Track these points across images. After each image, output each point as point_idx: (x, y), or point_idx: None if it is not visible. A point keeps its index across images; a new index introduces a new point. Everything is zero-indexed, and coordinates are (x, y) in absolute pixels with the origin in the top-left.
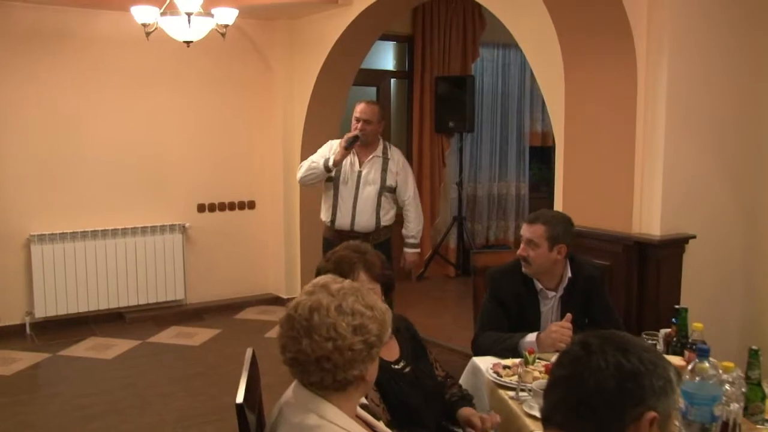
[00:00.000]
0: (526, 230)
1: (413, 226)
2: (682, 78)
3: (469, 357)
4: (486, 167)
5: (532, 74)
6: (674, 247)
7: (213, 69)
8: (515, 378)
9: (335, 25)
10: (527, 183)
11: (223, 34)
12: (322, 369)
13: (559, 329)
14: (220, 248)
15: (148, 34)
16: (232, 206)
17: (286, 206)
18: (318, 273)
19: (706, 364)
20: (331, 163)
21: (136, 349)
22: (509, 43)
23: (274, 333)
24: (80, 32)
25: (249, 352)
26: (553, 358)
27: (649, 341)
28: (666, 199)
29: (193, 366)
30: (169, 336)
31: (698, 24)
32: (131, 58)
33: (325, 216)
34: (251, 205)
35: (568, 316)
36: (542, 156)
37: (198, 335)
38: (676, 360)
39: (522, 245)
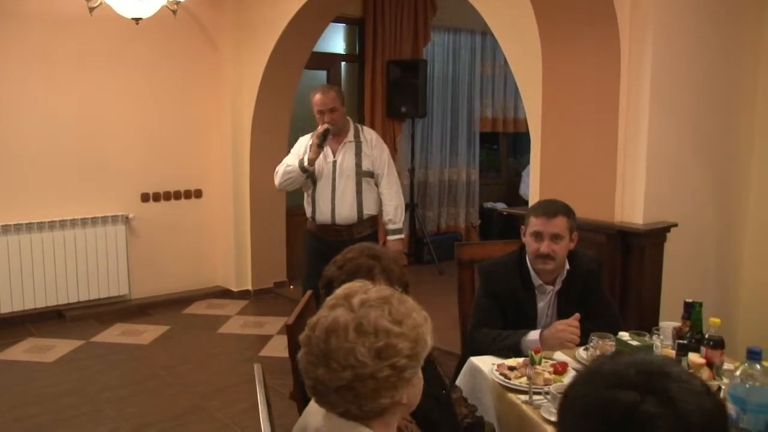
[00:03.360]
0: (547, 225)
1: (390, 207)
2: (665, 65)
3: (455, 355)
4: (437, 153)
5: (482, 59)
6: (657, 235)
7: (156, 50)
8: (524, 380)
9: (287, 5)
10: (477, 169)
11: (174, 12)
12: (345, 400)
13: (567, 327)
14: (166, 239)
15: (91, 9)
16: (177, 195)
17: (235, 194)
18: (329, 284)
19: (758, 367)
20: (306, 163)
21: (79, 350)
22: (460, 27)
23: (225, 328)
24: (10, 8)
25: (258, 369)
26: (556, 355)
27: (654, 335)
28: (649, 187)
29: (145, 367)
30: (115, 334)
31: (682, 12)
32: (69, 38)
33: (307, 211)
34: (198, 193)
35: (577, 315)
36: (492, 142)
37: (146, 333)
38: (695, 357)
39: (545, 242)
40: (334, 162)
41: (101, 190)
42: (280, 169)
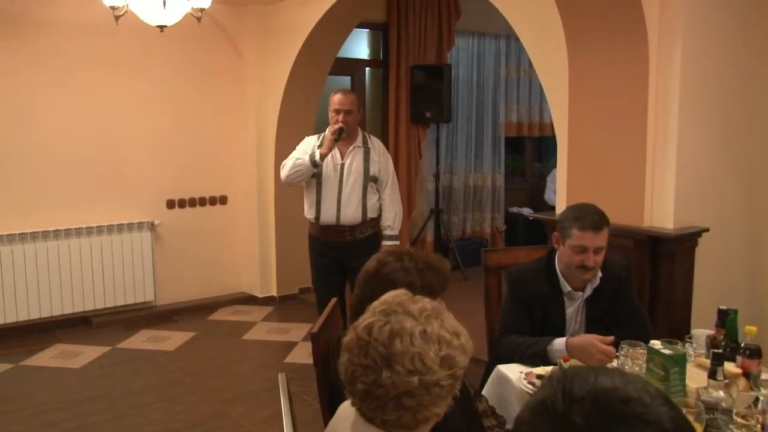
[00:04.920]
0: (594, 239)
1: (390, 214)
2: (695, 66)
3: (481, 362)
4: (462, 158)
5: (506, 63)
6: (688, 240)
7: (181, 57)
8: None
9: (311, 11)
10: (503, 174)
11: (198, 19)
12: (402, 406)
13: (603, 358)
14: (191, 246)
15: (117, 17)
16: (203, 201)
17: (259, 201)
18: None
19: None
20: (317, 157)
21: (105, 356)
22: (484, 32)
23: (250, 335)
24: (36, 16)
25: (282, 378)
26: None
27: (687, 343)
28: (679, 190)
29: (170, 373)
30: (141, 341)
31: (711, 10)
32: (92, 45)
33: (309, 213)
34: (223, 200)
35: (611, 338)
36: (517, 147)
37: (171, 339)
38: (730, 367)
39: (589, 255)
40: (342, 164)
41: (127, 196)
42: (288, 162)
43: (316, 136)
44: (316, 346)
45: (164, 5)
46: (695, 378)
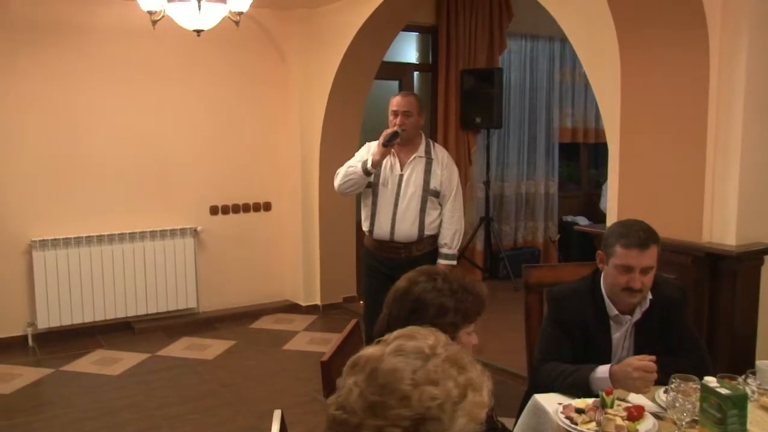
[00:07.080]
0: (641, 258)
1: (449, 231)
2: (761, 70)
3: (520, 378)
4: (514, 165)
5: (561, 67)
6: (752, 258)
7: (224, 62)
8: (593, 426)
9: (356, 14)
10: (556, 181)
11: (237, 23)
12: None
13: (643, 374)
14: (234, 253)
15: (154, 22)
16: (246, 208)
17: (304, 207)
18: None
19: None
20: (369, 164)
21: (144, 364)
22: (537, 34)
23: (292, 345)
24: (82, 24)
25: (277, 415)
26: (632, 396)
27: (749, 378)
28: (743, 203)
29: (206, 383)
30: (181, 348)
31: None
32: (136, 51)
33: (364, 224)
34: (267, 206)
35: (653, 358)
36: (571, 153)
37: (211, 347)
38: None
39: (636, 276)
40: (401, 176)
41: (170, 202)
42: (342, 170)
43: (376, 141)
44: (327, 376)
45: (199, 9)
46: (759, 422)
